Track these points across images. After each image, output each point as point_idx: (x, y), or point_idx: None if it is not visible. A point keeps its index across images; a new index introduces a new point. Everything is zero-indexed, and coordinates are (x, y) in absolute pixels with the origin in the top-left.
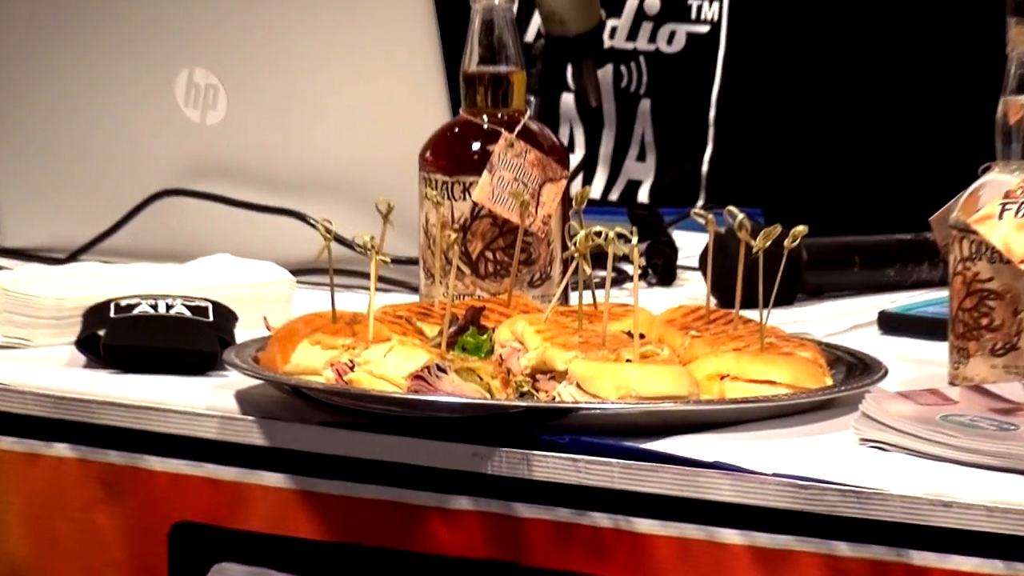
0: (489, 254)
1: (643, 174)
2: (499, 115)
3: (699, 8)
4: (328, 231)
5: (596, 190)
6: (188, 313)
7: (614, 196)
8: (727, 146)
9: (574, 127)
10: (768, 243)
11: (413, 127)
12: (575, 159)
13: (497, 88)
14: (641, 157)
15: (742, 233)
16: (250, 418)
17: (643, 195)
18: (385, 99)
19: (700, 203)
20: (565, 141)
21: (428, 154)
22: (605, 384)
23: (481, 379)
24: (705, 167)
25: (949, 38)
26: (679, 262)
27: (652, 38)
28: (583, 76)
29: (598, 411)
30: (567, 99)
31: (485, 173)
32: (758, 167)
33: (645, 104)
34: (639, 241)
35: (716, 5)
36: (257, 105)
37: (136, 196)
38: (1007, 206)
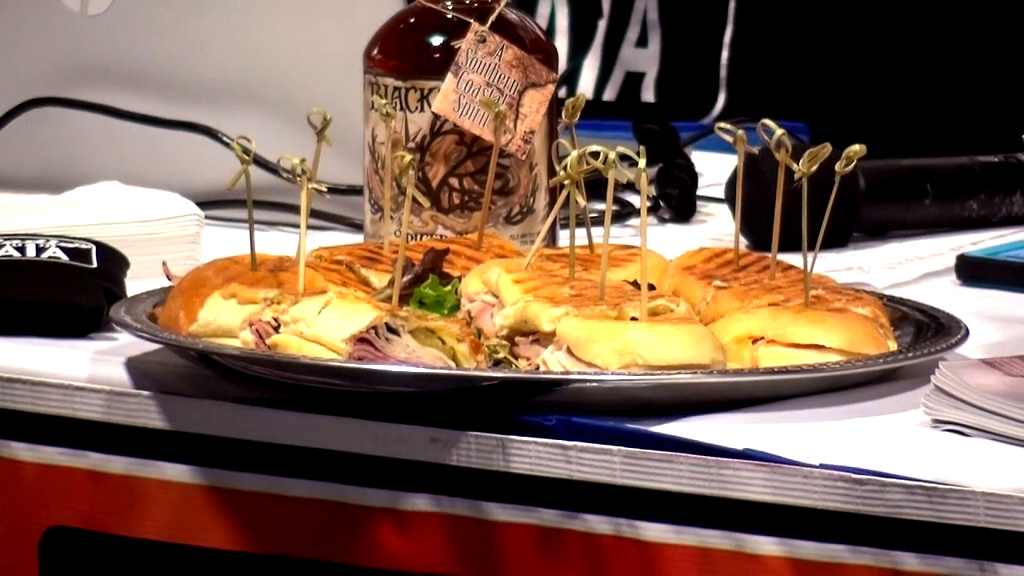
0: (454, 181)
1: (645, 63)
2: (467, 0)
3: None
4: (246, 151)
5: (585, 86)
6: (65, 257)
7: (609, 94)
8: (754, 26)
9: (556, 4)
10: (815, 167)
11: (355, 17)
12: (562, 50)
13: None
14: (642, 41)
15: (781, 154)
16: (145, 393)
17: (646, 92)
18: None
19: (720, 104)
20: (544, 23)
21: (375, 51)
22: (604, 349)
23: (443, 342)
24: (725, 53)
25: None
26: (699, 191)
27: None
28: None
29: (595, 384)
30: None
31: (449, 76)
32: (797, 59)
33: None
34: (648, 164)
35: None
36: None
37: None
38: None
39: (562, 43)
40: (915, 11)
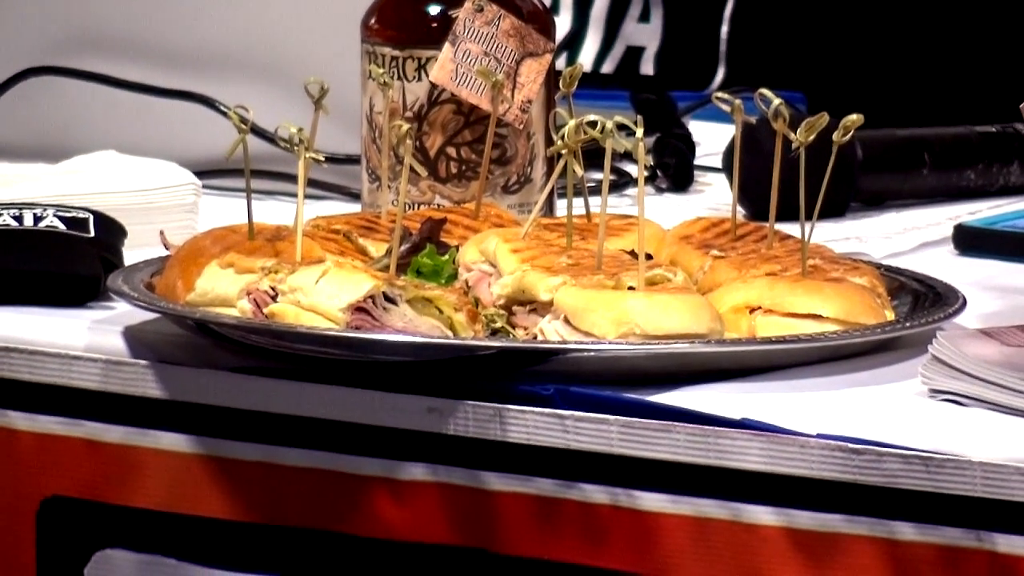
0: (451, 151)
1: (646, 38)
2: None
3: None
4: (243, 120)
5: (585, 59)
6: (62, 226)
7: (608, 67)
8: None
9: None
10: (812, 137)
11: None
12: (561, 25)
13: None
14: (644, 16)
15: (779, 124)
16: (142, 362)
17: (646, 65)
18: None
19: (719, 78)
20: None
21: (373, 21)
22: (601, 318)
23: (441, 312)
24: (725, 27)
25: None
26: (697, 161)
27: None
28: None
29: (592, 353)
30: None
31: (446, 45)
32: (796, 31)
33: None
34: (645, 133)
35: None
36: None
37: None
38: None
39: (566, 18)
40: None
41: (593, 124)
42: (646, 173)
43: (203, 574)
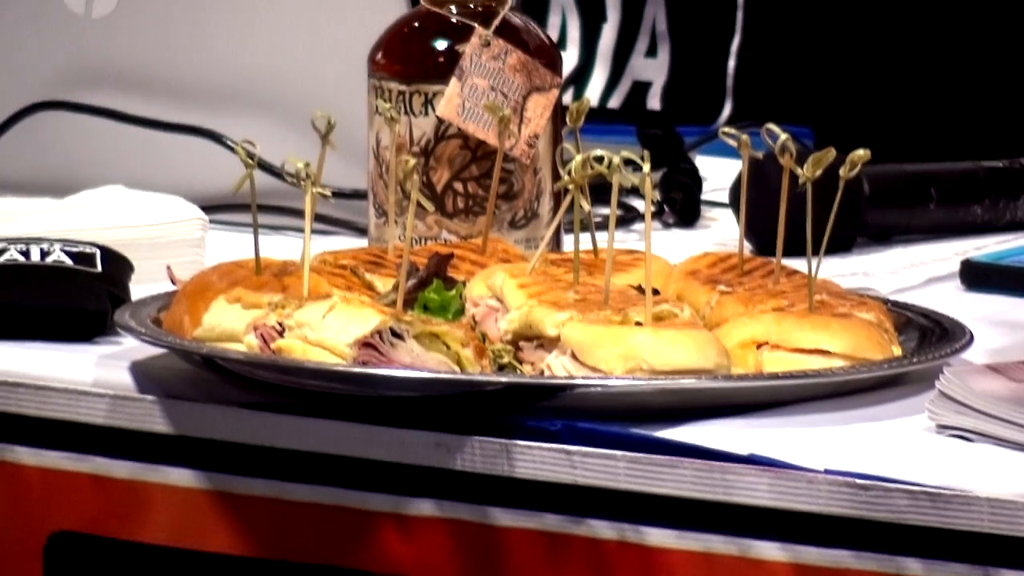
0: (458, 186)
1: (653, 73)
2: (471, 4)
3: None
4: (250, 156)
5: (592, 94)
6: (69, 261)
7: (615, 102)
8: (761, 34)
9: (567, 14)
10: (819, 172)
11: (359, 20)
12: (568, 60)
13: None
14: (651, 51)
15: (786, 159)
16: (149, 398)
17: (653, 100)
18: None
19: (726, 113)
20: (555, 34)
21: (379, 55)
22: (608, 354)
23: (448, 347)
24: (732, 62)
25: None
26: (703, 196)
27: None
28: None
29: (599, 389)
30: None
31: (453, 80)
32: (803, 66)
33: None
34: (652, 169)
35: None
36: None
37: (1, 111)
38: None
39: (573, 52)
40: (919, 17)
41: (600, 159)
42: (653, 208)
43: None
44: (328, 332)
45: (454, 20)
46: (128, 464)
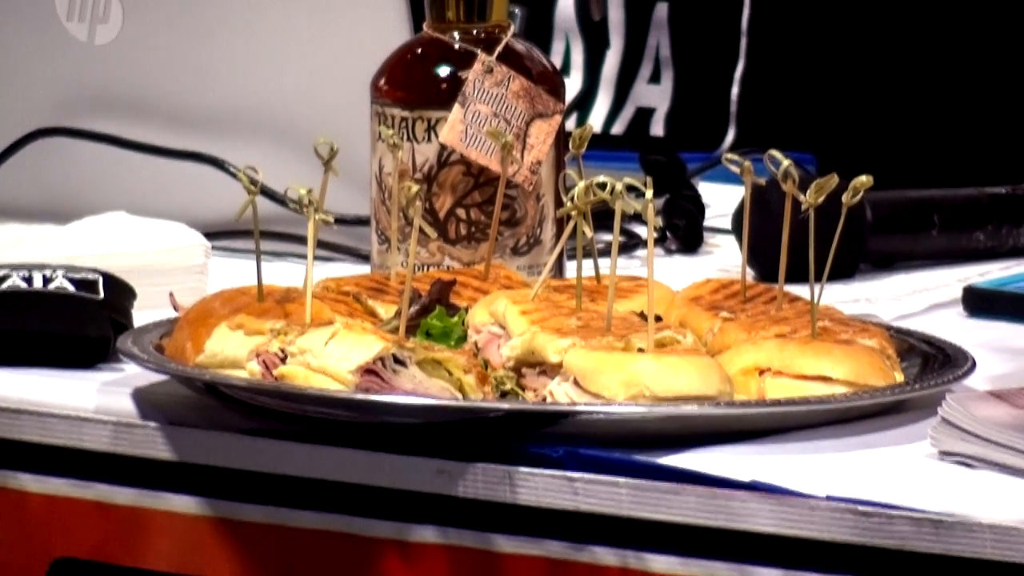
0: (461, 212)
1: (657, 99)
2: (474, 31)
3: None
4: (253, 182)
5: (595, 120)
6: (72, 288)
7: (618, 128)
8: (764, 61)
9: (571, 41)
10: (822, 198)
11: (362, 47)
12: (572, 86)
13: None
14: (655, 77)
15: (788, 185)
16: (152, 424)
17: (656, 127)
18: (326, 9)
19: (729, 139)
20: (559, 60)
21: (382, 82)
22: (611, 380)
23: (451, 374)
24: (735, 89)
25: None
26: (706, 223)
27: None
28: None
29: (601, 416)
30: (564, 7)
31: (456, 107)
32: (806, 92)
33: (662, 8)
34: (655, 195)
35: None
36: (160, 18)
37: (5, 137)
38: None
39: (576, 78)
40: (921, 44)
41: (603, 186)
42: (656, 235)
43: None
44: (330, 359)
45: (457, 47)
46: (130, 491)
